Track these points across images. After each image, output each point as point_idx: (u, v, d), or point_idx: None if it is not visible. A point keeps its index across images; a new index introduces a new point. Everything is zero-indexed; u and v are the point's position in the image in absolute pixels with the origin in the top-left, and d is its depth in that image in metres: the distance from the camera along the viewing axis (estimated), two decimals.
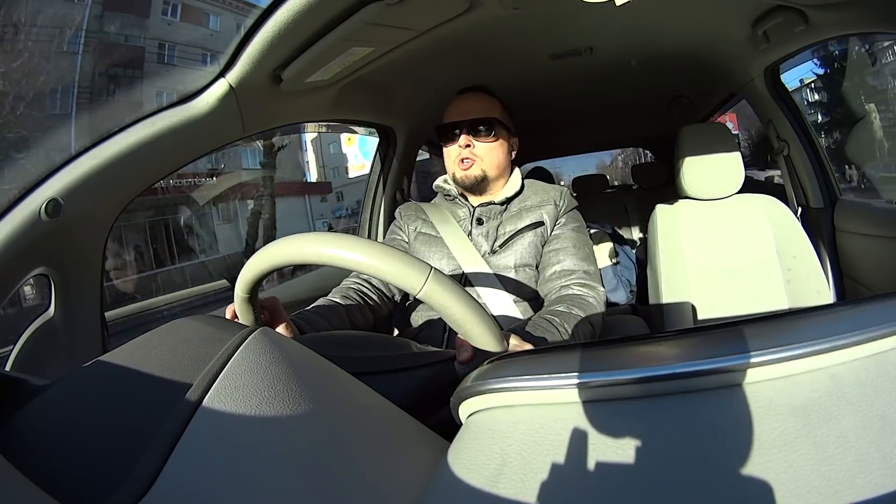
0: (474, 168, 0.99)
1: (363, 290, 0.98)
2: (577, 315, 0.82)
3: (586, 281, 0.91)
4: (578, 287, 0.90)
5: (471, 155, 0.98)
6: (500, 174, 1.02)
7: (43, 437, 0.31)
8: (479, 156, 0.99)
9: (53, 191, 0.71)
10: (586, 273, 0.93)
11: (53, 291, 0.77)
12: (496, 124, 0.99)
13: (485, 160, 0.99)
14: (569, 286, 0.91)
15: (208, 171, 8.55)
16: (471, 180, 0.99)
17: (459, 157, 0.99)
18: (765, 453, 0.27)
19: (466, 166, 0.99)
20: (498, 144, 1.00)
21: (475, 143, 0.98)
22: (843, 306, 0.42)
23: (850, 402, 0.29)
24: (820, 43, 1.16)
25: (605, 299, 0.92)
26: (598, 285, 0.92)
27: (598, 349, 0.38)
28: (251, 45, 0.78)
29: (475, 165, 0.99)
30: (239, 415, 0.31)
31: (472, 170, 0.99)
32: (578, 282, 0.91)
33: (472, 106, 1.00)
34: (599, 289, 0.91)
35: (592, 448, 0.30)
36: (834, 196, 1.40)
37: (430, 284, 0.47)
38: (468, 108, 1.00)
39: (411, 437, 0.40)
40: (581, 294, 0.89)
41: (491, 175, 1.00)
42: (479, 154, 0.99)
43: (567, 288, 0.90)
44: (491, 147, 0.99)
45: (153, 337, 0.39)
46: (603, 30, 1.19)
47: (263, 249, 0.53)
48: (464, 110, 1.00)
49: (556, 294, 0.91)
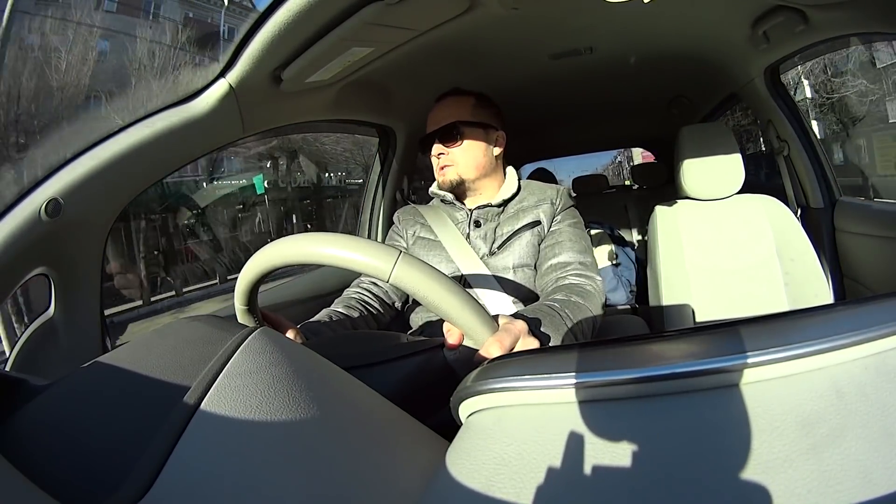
0: (450, 173, 1.02)
1: (364, 298, 0.99)
2: (577, 302, 0.80)
3: (583, 271, 0.91)
4: (575, 277, 0.89)
5: (445, 161, 1.02)
6: (482, 174, 1.03)
7: (43, 437, 0.31)
8: (453, 161, 1.01)
9: (53, 191, 0.71)
10: (582, 264, 0.92)
11: (53, 291, 0.77)
12: (462, 126, 1.00)
13: (459, 164, 1.01)
14: (565, 277, 0.90)
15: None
16: (448, 185, 1.02)
17: (439, 166, 1.03)
18: (762, 453, 0.27)
19: (444, 172, 1.02)
20: (470, 144, 1.01)
21: (446, 149, 1.01)
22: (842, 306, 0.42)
23: (849, 402, 0.29)
24: (820, 43, 1.17)
25: (604, 289, 0.91)
26: (595, 275, 0.91)
27: (598, 349, 0.38)
28: (251, 45, 0.78)
29: (450, 170, 1.02)
30: (239, 415, 0.31)
31: (448, 174, 1.02)
32: (575, 272, 0.90)
33: (441, 114, 1.03)
34: (597, 278, 0.90)
35: (593, 448, 0.30)
36: (834, 196, 1.40)
37: (399, 267, 0.46)
38: (439, 117, 1.03)
39: (411, 437, 0.40)
40: (579, 283, 0.88)
41: (469, 177, 1.02)
42: (453, 159, 1.01)
43: (564, 279, 0.90)
44: (462, 150, 1.01)
45: (153, 337, 0.39)
46: (603, 30, 1.19)
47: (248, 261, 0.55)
48: (435, 120, 1.03)
49: (552, 286, 0.90)
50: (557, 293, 0.84)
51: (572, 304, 0.79)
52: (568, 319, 0.74)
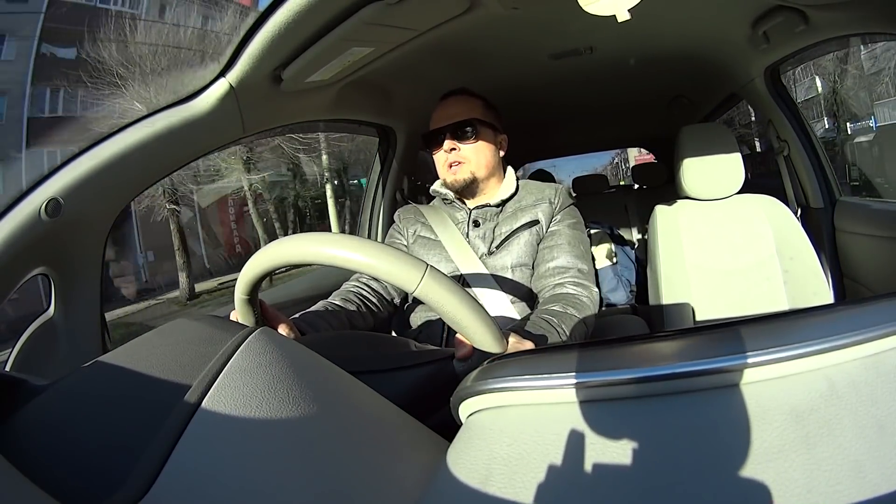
0: (463, 171, 1.00)
1: (363, 293, 0.98)
2: (573, 315, 0.82)
3: (580, 280, 0.91)
4: (573, 286, 0.90)
5: (457, 158, 1.00)
6: (490, 174, 1.03)
7: (43, 438, 0.31)
8: (465, 158, 1.00)
9: (53, 190, 0.71)
10: (580, 272, 0.93)
11: (53, 291, 0.77)
12: (478, 124, 1.00)
13: (472, 162, 1.00)
14: (563, 284, 0.90)
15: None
16: (460, 184, 1.01)
17: (447, 162, 1.00)
18: (761, 454, 0.27)
19: (455, 171, 1.00)
20: (483, 144, 1.01)
21: (460, 145, 1.00)
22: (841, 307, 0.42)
23: (848, 403, 0.29)
24: (820, 43, 1.17)
25: (599, 299, 0.92)
26: (592, 285, 0.92)
27: (598, 349, 0.38)
28: (251, 45, 0.78)
29: (463, 168, 1.00)
30: (239, 415, 0.31)
31: (460, 173, 1.00)
32: (573, 281, 0.91)
33: (452, 110, 1.02)
34: (593, 289, 0.91)
35: (592, 448, 0.30)
36: (834, 196, 1.41)
37: (426, 282, 0.47)
38: (450, 113, 1.01)
39: (411, 437, 0.40)
40: (575, 294, 0.89)
41: (480, 175, 1.01)
42: (466, 156, 1.00)
43: (561, 286, 0.90)
44: (476, 148, 1.00)
45: (153, 337, 0.39)
46: (603, 30, 1.18)
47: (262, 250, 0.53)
48: (446, 115, 1.02)
49: (549, 292, 0.90)
50: (555, 303, 0.85)
51: (568, 316, 0.81)
52: (563, 335, 0.76)
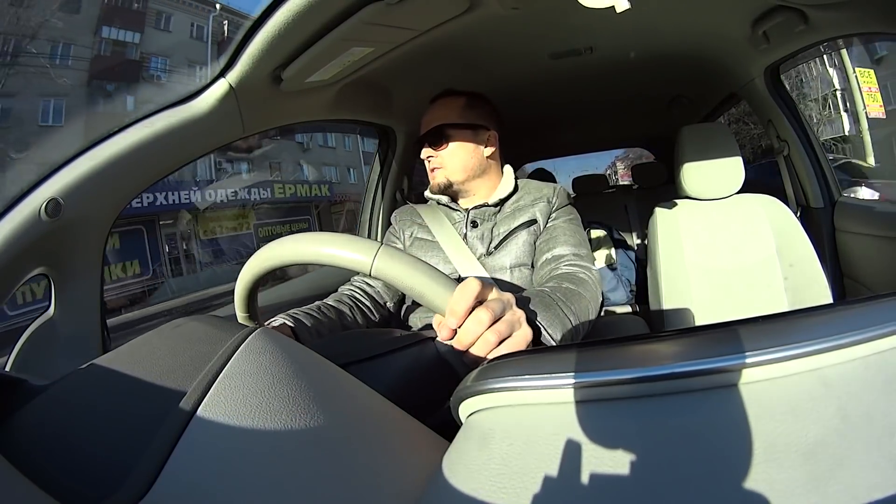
0: (439, 176, 1.03)
1: (356, 296, 1.00)
2: (569, 287, 0.77)
3: (576, 261, 0.89)
4: (567, 266, 0.87)
5: (434, 164, 1.03)
6: (472, 175, 1.03)
7: (43, 438, 0.31)
8: (440, 164, 1.02)
9: (53, 191, 0.71)
10: (576, 255, 0.91)
11: (53, 291, 0.77)
12: (448, 129, 1.01)
13: (447, 166, 1.02)
14: (558, 268, 0.88)
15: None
16: (437, 188, 1.04)
17: (430, 168, 1.04)
18: (760, 454, 0.27)
19: (433, 175, 1.04)
20: (457, 147, 1.01)
21: (434, 152, 1.02)
22: (841, 306, 0.42)
23: (847, 403, 0.29)
24: (820, 43, 1.17)
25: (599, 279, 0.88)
26: (590, 265, 0.89)
27: (598, 349, 0.38)
28: (251, 45, 0.78)
29: (439, 173, 1.03)
30: (238, 415, 0.31)
31: (437, 178, 1.03)
32: (567, 262, 0.89)
33: (430, 116, 1.04)
34: (591, 267, 0.88)
35: (592, 447, 0.30)
36: (834, 196, 1.41)
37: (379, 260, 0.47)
38: (428, 120, 1.04)
39: (411, 437, 0.40)
40: (570, 271, 0.85)
41: (457, 179, 1.02)
42: (441, 162, 1.02)
43: (556, 269, 0.88)
44: (450, 152, 1.01)
45: (153, 337, 0.39)
46: (603, 29, 1.19)
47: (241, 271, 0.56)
48: (426, 123, 1.04)
49: (546, 279, 0.87)
50: (549, 283, 0.82)
51: (563, 289, 0.75)
52: (560, 302, 0.70)
